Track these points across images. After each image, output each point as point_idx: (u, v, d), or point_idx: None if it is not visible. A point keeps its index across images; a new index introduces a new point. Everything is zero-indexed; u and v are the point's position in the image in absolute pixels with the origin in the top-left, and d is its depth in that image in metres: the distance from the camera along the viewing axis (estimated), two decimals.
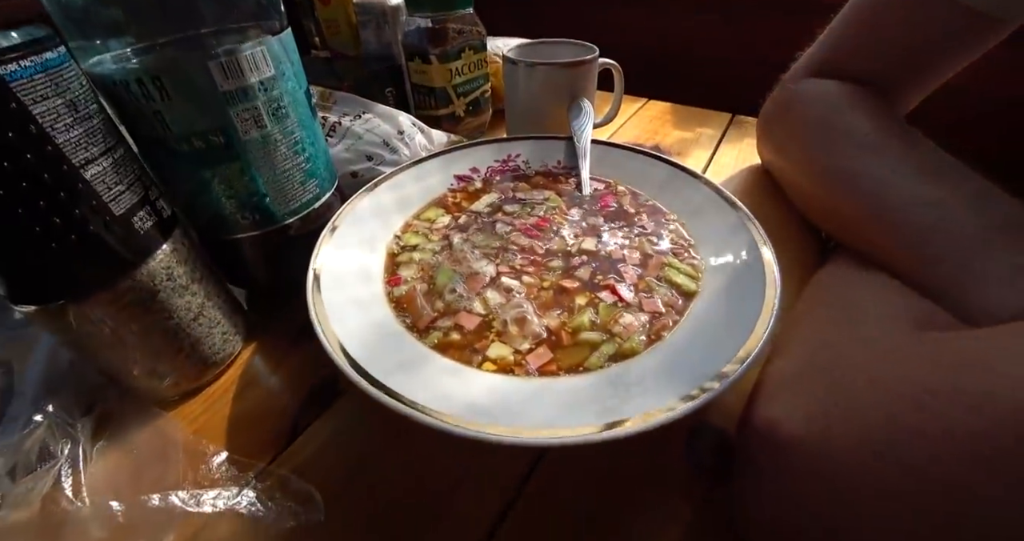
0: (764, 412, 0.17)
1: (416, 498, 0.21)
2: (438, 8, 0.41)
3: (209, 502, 0.19)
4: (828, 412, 0.15)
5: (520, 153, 0.35)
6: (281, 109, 0.24)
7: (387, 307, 0.24)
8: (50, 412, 0.21)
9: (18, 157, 0.17)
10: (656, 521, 0.19)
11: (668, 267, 0.25)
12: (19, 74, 0.16)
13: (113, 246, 0.20)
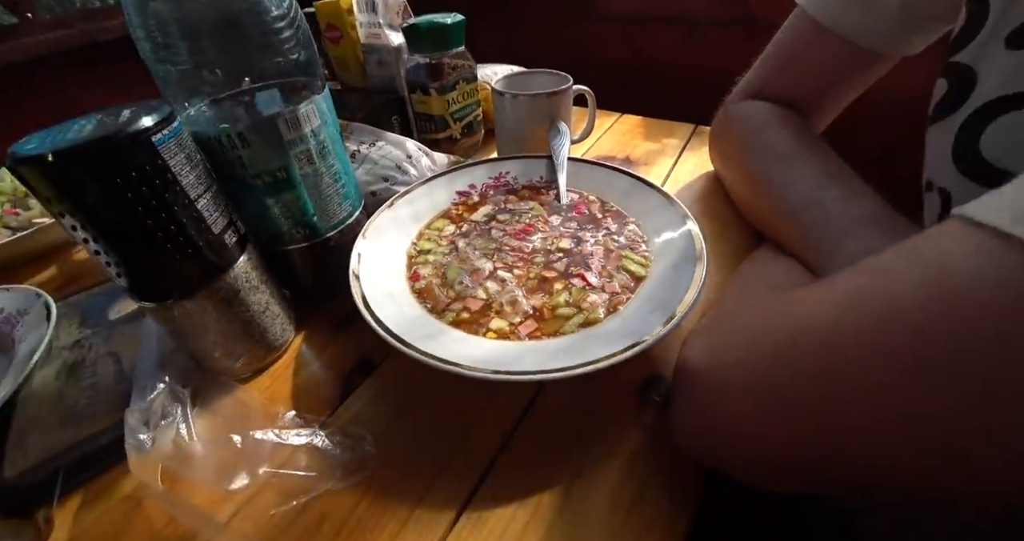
0: (683, 352, 0.24)
1: (442, 431, 0.28)
2: (435, 48, 0.48)
3: (292, 438, 0.26)
4: (716, 349, 0.23)
5: (509, 170, 0.43)
6: (325, 148, 0.31)
7: (411, 297, 0.32)
8: (167, 382, 0.28)
9: (161, 196, 0.24)
10: (616, 439, 0.27)
11: (625, 258, 0.33)
12: (161, 140, 0.24)
13: (212, 257, 0.28)
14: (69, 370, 0.33)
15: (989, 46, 0.27)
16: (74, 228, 0.24)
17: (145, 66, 0.27)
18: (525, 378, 0.24)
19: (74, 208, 0.23)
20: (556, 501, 0.24)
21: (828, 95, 0.40)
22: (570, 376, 0.24)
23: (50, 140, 0.22)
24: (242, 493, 0.25)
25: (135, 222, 0.24)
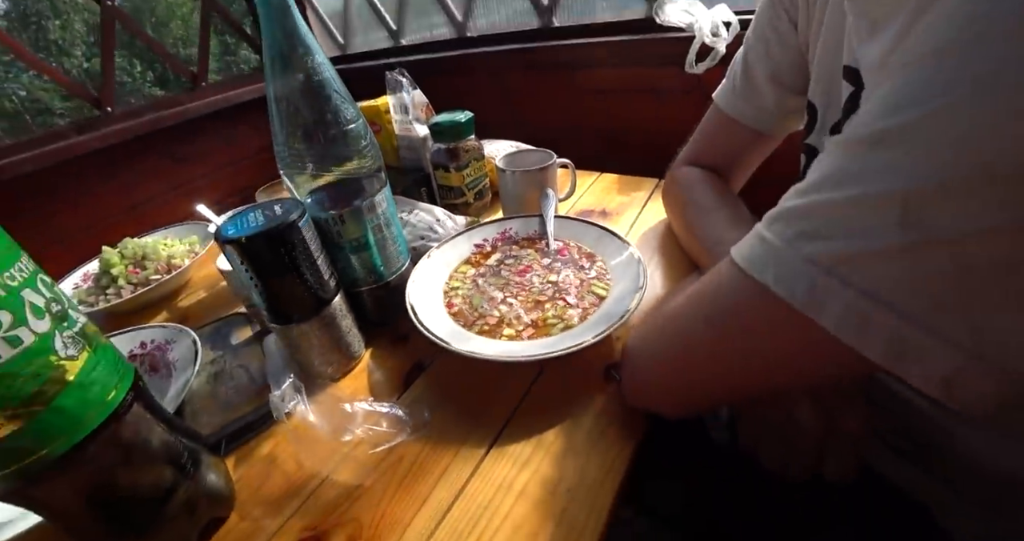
0: (628, 339, 0.39)
1: (473, 404, 0.42)
2: (453, 139, 0.65)
3: (378, 407, 0.40)
4: (639, 334, 0.37)
5: (512, 227, 0.59)
6: (388, 221, 0.47)
7: (448, 318, 0.47)
8: (292, 377, 0.42)
9: (300, 257, 0.39)
10: (587, 401, 0.40)
11: (593, 285, 0.48)
12: (301, 224, 0.39)
13: (322, 294, 0.43)
14: (214, 378, 0.47)
15: (822, 135, 0.44)
16: (249, 277, 0.39)
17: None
18: (527, 359, 0.39)
19: (252, 266, 0.38)
20: (551, 439, 0.38)
21: (736, 163, 0.56)
22: (554, 356, 0.38)
23: (241, 226, 0.38)
24: (348, 444, 0.39)
25: (285, 273, 0.39)
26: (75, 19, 8.74)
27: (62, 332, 0.26)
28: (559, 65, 1.13)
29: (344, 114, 0.41)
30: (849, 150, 0.22)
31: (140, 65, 15.42)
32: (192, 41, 20.56)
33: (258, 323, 0.53)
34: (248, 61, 15.18)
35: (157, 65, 12.32)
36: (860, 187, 0.21)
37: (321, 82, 0.40)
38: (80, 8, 16.08)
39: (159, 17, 17.93)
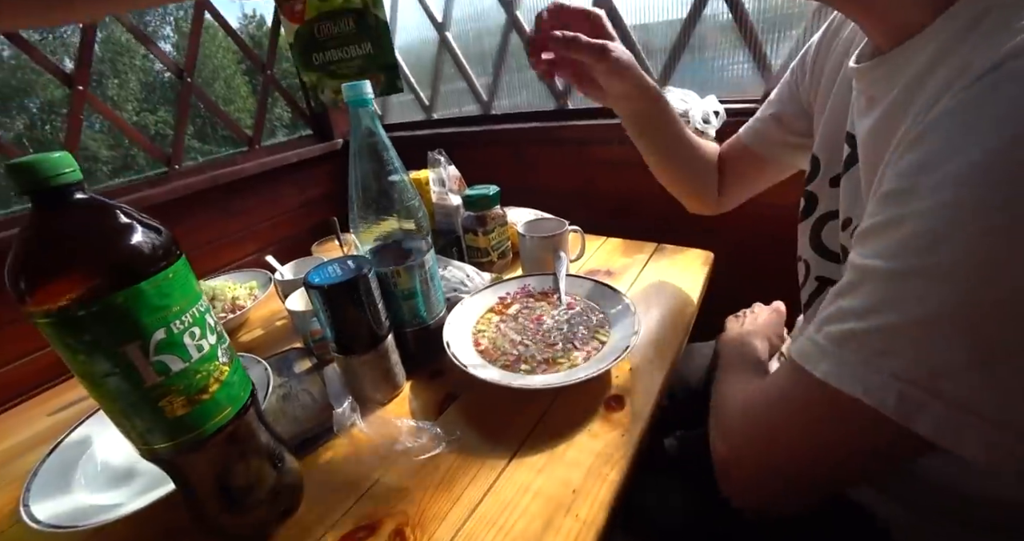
0: (712, 444, 0.43)
1: (497, 425, 0.51)
2: (481, 208, 0.78)
3: (421, 423, 0.50)
4: (724, 438, 0.42)
5: (529, 283, 0.70)
6: (432, 274, 0.59)
7: (477, 355, 0.57)
8: (351, 400, 0.53)
9: (366, 302, 0.51)
10: (587, 422, 0.50)
11: (596, 332, 0.58)
12: (368, 274, 0.51)
13: (379, 332, 0.54)
14: (283, 398, 0.57)
15: (823, 183, 0.53)
16: (327, 316, 0.50)
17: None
18: (540, 388, 0.49)
19: (330, 307, 0.50)
20: (561, 452, 0.47)
21: (737, 175, 0.71)
22: (562, 386, 0.49)
23: (324, 276, 0.50)
24: (396, 453, 0.48)
25: (353, 314, 0.51)
26: (132, 78, 9.57)
27: (222, 345, 0.37)
28: (572, 141, 1.30)
29: (407, 193, 0.54)
30: (899, 279, 0.27)
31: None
32: (231, 100, 22.28)
33: (315, 356, 0.64)
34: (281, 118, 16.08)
35: (198, 119, 13.18)
36: (921, 310, 0.26)
37: (392, 169, 0.53)
38: (137, 69, 17.38)
39: (205, 78, 19.59)
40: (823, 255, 0.52)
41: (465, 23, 1.43)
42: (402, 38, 1.58)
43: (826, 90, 0.53)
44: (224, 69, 16.68)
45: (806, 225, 0.55)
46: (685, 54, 1.14)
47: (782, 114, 0.63)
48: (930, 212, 0.26)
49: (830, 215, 0.51)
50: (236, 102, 5.45)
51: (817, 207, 0.53)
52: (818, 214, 0.53)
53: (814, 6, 0.96)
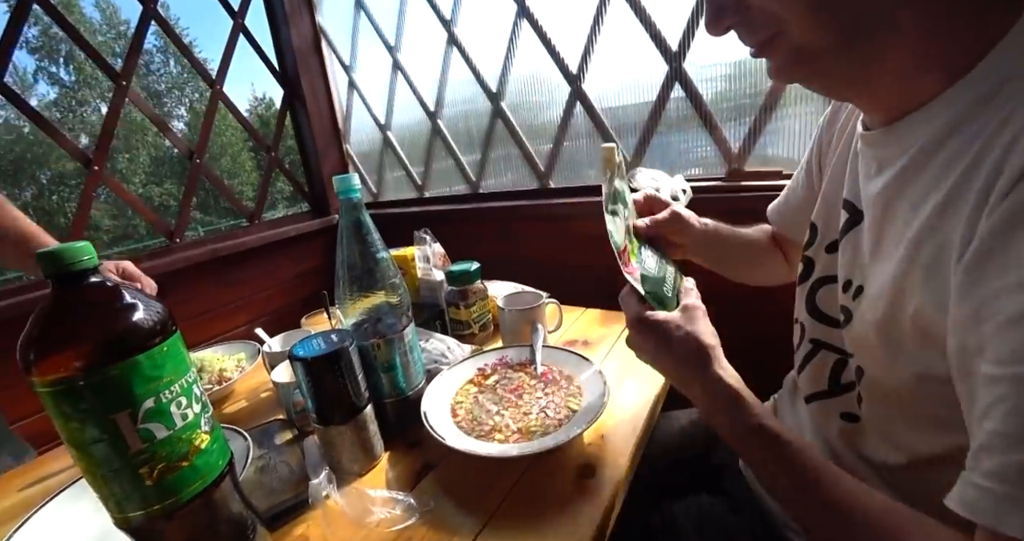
0: None
1: (470, 495, 0.52)
2: (463, 284, 0.83)
3: (395, 495, 0.51)
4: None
5: (507, 355, 0.73)
6: (412, 348, 0.62)
7: (454, 425, 0.59)
8: (327, 471, 0.54)
9: (347, 374, 0.54)
10: (562, 491, 0.51)
11: (568, 400, 0.61)
12: (349, 347, 0.54)
13: (358, 403, 0.56)
14: (261, 470, 0.58)
15: (819, 249, 0.56)
16: (309, 386, 0.53)
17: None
18: (512, 456, 0.51)
19: (312, 378, 0.53)
20: (533, 520, 0.48)
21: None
22: (531, 454, 0.50)
23: (308, 349, 0.53)
24: (370, 524, 0.49)
25: (335, 385, 0.53)
26: (143, 153, 10.05)
27: (205, 414, 0.39)
28: (554, 217, 1.38)
29: (388, 273, 0.59)
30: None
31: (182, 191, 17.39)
32: (236, 174, 23.25)
33: (297, 428, 0.65)
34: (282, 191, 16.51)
35: (201, 191, 13.66)
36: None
37: (376, 250, 0.59)
38: (149, 145, 18.21)
39: (212, 154, 20.60)
40: (818, 319, 0.55)
41: (455, 106, 1.57)
42: (397, 119, 1.72)
43: (828, 167, 0.56)
44: (231, 146, 17.56)
45: (803, 289, 0.57)
46: (653, 137, 1.26)
47: (801, 201, 0.66)
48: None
49: (825, 280, 0.54)
50: (240, 176, 5.72)
51: (814, 272, 0.56)
52: (814, 278, 0.56)
53: (761, 100, 1.09)
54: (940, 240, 0.35)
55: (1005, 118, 0.32)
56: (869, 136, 0.45)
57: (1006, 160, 0.30)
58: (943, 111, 0.37)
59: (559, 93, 1.34)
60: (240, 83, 27.37)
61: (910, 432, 0.43)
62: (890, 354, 0.41)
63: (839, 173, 0.53)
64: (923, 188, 0.38)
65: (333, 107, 1.85)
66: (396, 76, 1.65)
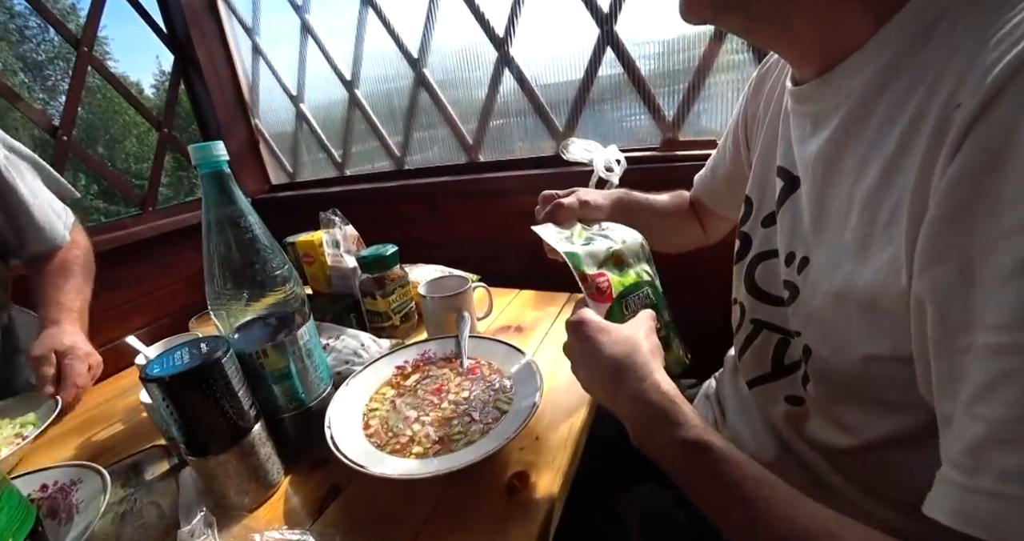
0: None
1: (385, 522, 0.44)
2: (379, 270, 0.73)
3: (289, 535, 0.42)
4: None
5: (431, 348, 0.65)
6: (310, 351, 0.53)
7: (364, 439, 0.50)
8: (204, 510, 0.44)
9: (222, 392, 0.43)
10: (491, 505, 0.44)
11: (497, 400, 0.53)
12: (222, 359, 0.44)
13: (242, 424, 0.46)
14: (121, 518, 0.47)
15: (755, 224, 0.52)
16: (171, 413, 0.42)
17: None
18: (430, 475, 0.43)
19: (174, 403, 0.42)
20: None
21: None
22: (451, 472, 0.43)
23: (166, 365, 0.42)
24: None
25: (206, 407, 0.43)
26: (23, 134, 8.84)
27: None
28: (485, 193, 1.29)
29: (271, 263, 0.49)
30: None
31: (85, 179, 15.44)
32: (145, 157, 20.92)
33: (176, 456, 0.54)
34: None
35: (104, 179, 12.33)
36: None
37: (252, 238, 0.48)
38: (30, 126, 16.15)
39: (114, 135, 18.36)
40: (759, 297, 0.51)
41: (374, 83, 1.43)
42: (313, 94, 1.56)
43: (758, 137, 0.54)
44: (137, 126, 15.87)
45: (741, 267, 0.54)
46: (586, 108, 1.19)
47: (727, 175, 0.66)
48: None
49: (765, 255, 0.50)
50: (151, 159, 5.17)
51: (751, 248, 0.52)
52: (752, 255, 0.52)
53: (696, 64, 1.04)
54: (894, 198, 0.31)
55: (948, 55, 0.28)
56: (800, 91, 0.41)
57: (958, 98, 0.26)
58: (876, 55, 0.33)
59: (490, 69, 1.24)
60: (142, 54, 24.54)
61: (857, 414, 0.40)
62: (840, 331, 0.38)
63: (771, 140, 0.50)
64: (867, 143, 0.34)
65: (236, 76, 1.64)
66: (306, 40, 1.48)
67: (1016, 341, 0.21)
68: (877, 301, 0.33)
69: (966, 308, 0.24)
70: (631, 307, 0.48)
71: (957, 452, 0.24)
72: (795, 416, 0.47)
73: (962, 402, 0.24)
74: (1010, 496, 0.20)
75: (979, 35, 0.26)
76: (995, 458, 0.21)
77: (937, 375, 0.27)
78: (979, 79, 0.25)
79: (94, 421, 0.69)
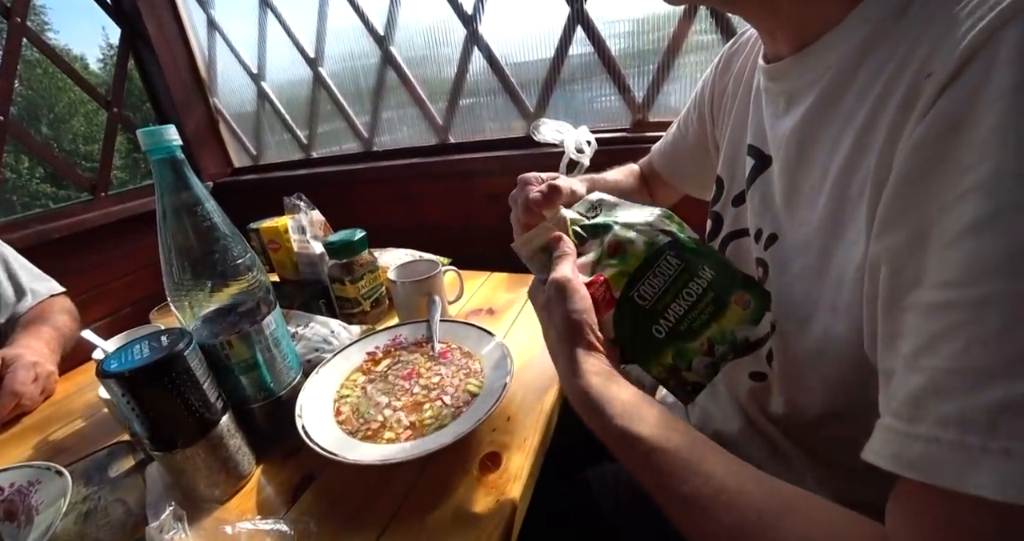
0: None
1: (359, 508, 0.44)
2: (347, 256, 0.72)
3: (261, 525, 0.42)
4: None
5: (402, 333, 0.65)
6: (277, 340, 0.52)
7: (336, 427, 0.50)
8: (172, 505, 0.43)
9: (185, 385, 0.42)
10: (465, 488, 0.45)
11: (468, 383, 0.54)
12: (184, 351, 0.43)
13: (208, 416, 0.45)
14: (84, 517, 0.46)
15: (726, 204, 0.53)
16: (131, 409, 0.41)
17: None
18: (401, 460, 0.43)
19: (135, 399, 0.41)
20: (433, 526, 0.41)
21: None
22: (423, 456, 0.43)
23: (124, 360, 0.41)
24: None
25: (169, 401, 0.42)
26: None
27: None
28: (456, 175, 1.28)
29: (232, 252, 0.47)
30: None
31: (28, 161, 14.46)
32: (95, 137, 19.61)
33: (142, 451, 0.53)
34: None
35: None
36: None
37: (211, 226, 0.46)
38: None
39: (59, 114, 17.16)
40: None
41: (340, 61, 1.38)
42: (274, 76, 1.49)
43: (727, 116, 0.54)
44: (84, 104, 14.92)
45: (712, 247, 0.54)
46: (557, 88, 1.18)
47: (690, 149, 0.66)
48: (996, 179, 0.21)
49: (735, 234, 0.51)
50: (101, 140, 4.81)
51: (723, 228, 0.53)
52: (724, 234, 0.52)
53: (665, 44, 1.04)
54: (864, 171, 0.32)
55: (922, 29, 0.28)
56: (774, 68, 0.41)
57: (929, 67, 0.26)
58: (853, 31, 0.33)
59: (459, 47, 1.21)
60: (85, 23, 22.90)
61: (813, 390, 0.41)
62: (807, 308, 0.39)
63: (741, 120, 0.50)
64: (842, 118, 0.34)
65: (191, 52, 1.56)
66: (266, 15, 1.41)
67: (961, 297, 0.22)
68: (844, 275, 0.34)
69: (917, 268, 0.25)
70: (649, 291, 0.39)
71: (898, 402, 0.25)
72: (757, 391, 0.49)
73: (904, 355, 0.25)
74: (945, 440, 0.21)
75: (953, 7, 0.26)
76: (934, 406, 0.22)
77: (883, 333, 0.28)
78: (951, 48, 0.25)
79: (52, 419, 0.67)
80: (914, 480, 0.22)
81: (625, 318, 0.39)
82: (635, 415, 0.33)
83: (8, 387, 0.64)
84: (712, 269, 0.40)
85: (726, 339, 0.39)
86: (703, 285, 0.39)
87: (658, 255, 0.39)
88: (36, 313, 0.85)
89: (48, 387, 0.70)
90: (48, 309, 0.86)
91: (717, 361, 0.39)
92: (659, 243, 0.40)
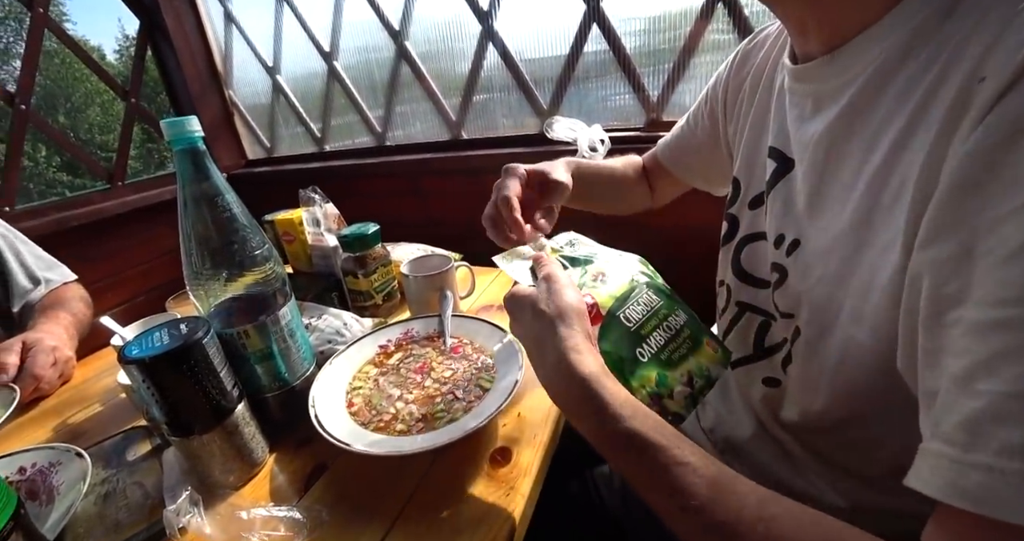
0: None
1: (370, 498, 0.45)
2: (361, 249, 0.73)
3: (275, 511, 0.42)
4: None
5: (414, 327, 0.65)
6: (292, 331, 0.52)
7: (348, 418, 0.51)
8: (189, 490, 0.44)
9: (203, 372, 0.43)
10: (475, 481, 0.45)
11: (480, 379, 0.54)
12: (203, 339, 0.44)
13: (225, 404, 0.46)
14: (104, 499, 0.47)
15: (743, 206, 0.52)
16: (151, 394, 0.42)
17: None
18: (412, 452, 0.44)
19: (155, 385, 0.42)
20: (443, 519, 0.42)
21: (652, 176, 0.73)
22: (434, 448, 0.44)
23: (145, 346, 0.42)
24: None
25: (187, 388, 0.43)
26: None
27: None
28: (468, 171, 1.28)
29: (250, 243, 0.48)
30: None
31: (46, 150, 14.65)
32: (111, 127, 19.78)
33: (158, 436, 0.54)
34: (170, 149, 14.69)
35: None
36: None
37: (231, 217, 0.47)
38: None
39: (76, 103, 17.36)
40: (744, 280, 0.51)
41: (354, 55, 1.38)
42: (289, 70, 1.50)
43: (743, 115, 0.53)
44: (100, 94, 15.07)
45: (727, 249, 0.53)
46: (571, 86, 1.17)
47: (699, 145, 0.65)
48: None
49: (752, 237, 0.50)
50: (117, 130, 4.79)
51: (739, 230, 0.52)
52: (740, 237, 0.52)
53: (681, 44, 1.03)
54: (901, 175, 0.31)
55: (973, 26, 0.27)
56: (802, 70, 0.40)
57: (983, 71, 0.25)
58: (896, 29, 0.32)
59: (473, 42, 1.20)
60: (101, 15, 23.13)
61: (832, 398, 0.41)
62: (831, 314, 0.38)
63: (760, 121, 0.49)
64: (877, 124, 0.33)
65: (208, 44, 1.57)
66: (282, 8, 1.42)
67: (1022, 316, 0.21)
68: (874, 282, 0.33)
69: (964, 282, 0.24)
70: (634, 315, 0.42)
71: (951, 427, 0.23)
72: (771, 397, 0.49)
73: (955, 376, 0.23)
74: (1009, 470, 0.20)
75: (1007, 8, 0.25)
76: (994, 433, 0.21)
77: (923, 349, 0.27)
78: (1008, 52, 0.24)
79: (71, 403, 0.68)
80: (967, 511, 0.21)
81: (612, 333, 0.40)
82: (646, 415, 0.33)
83: (29, 370, 0.65)
84: (685, 314, 0.44)
85: (703, 374, 0.42)
86: (680, 322, 0.43)
87: (639, 288, 0.44)
88: (52, 299, 0.86)
89: (66, 372, 0.71)
90: (63, 296, 0.88)
91: (696, 394, 0.41)
92: (639, 281, 0.45)
